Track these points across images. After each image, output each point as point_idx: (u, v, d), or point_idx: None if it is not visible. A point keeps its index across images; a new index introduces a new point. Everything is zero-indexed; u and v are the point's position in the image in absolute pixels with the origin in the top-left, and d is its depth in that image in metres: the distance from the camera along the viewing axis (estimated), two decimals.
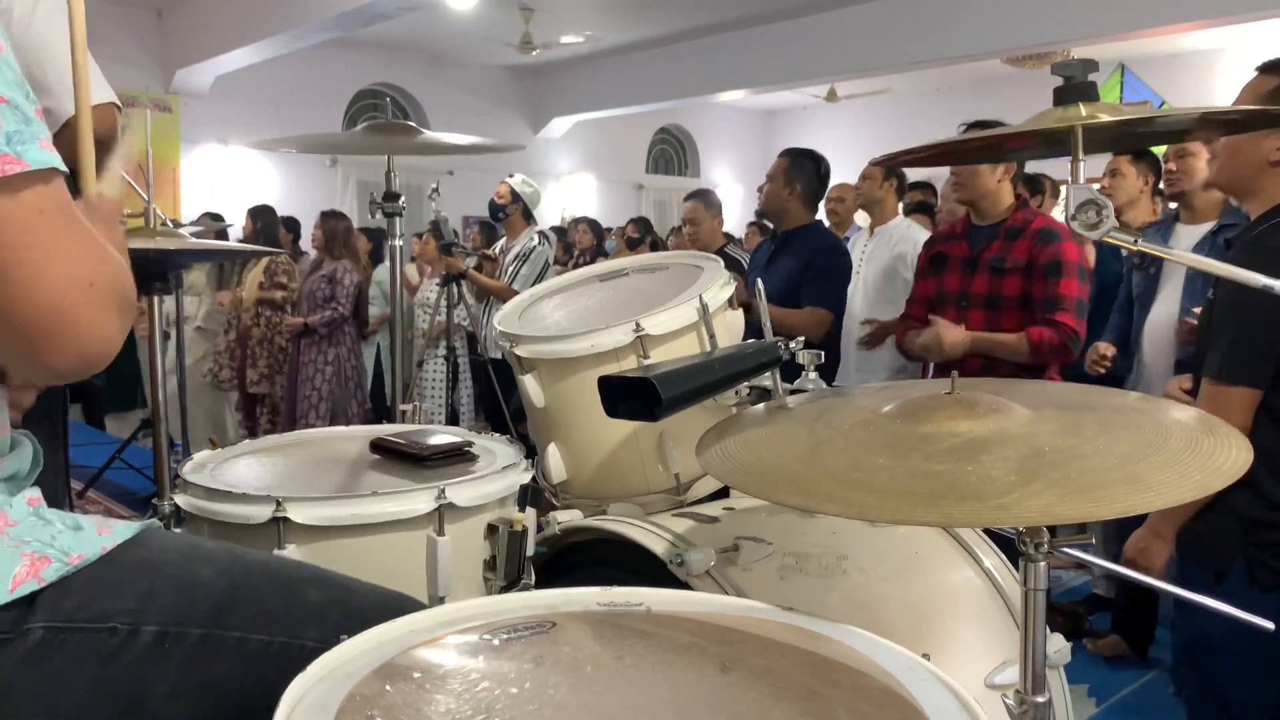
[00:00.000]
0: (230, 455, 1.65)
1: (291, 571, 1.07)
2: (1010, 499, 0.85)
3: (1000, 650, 1.44)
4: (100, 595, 0.88)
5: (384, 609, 1.05)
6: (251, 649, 0.94)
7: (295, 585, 1.02)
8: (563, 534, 1.62)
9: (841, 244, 3.93)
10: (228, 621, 0.93)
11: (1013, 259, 2.75)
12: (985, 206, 2.87)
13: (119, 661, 0.87)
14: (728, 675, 0.83)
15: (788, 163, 3.67)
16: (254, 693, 0.93)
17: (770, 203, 3.73)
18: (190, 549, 1.01)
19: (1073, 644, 1.52)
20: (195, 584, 0.94)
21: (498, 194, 5.17)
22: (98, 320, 0.80)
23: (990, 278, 2.79)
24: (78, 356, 0.80)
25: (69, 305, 0.78)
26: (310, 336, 5.51)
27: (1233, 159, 1.93)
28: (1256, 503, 1.78)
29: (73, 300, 0.78)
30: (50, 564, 0.86)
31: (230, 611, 0.94)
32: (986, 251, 2.82)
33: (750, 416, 1.20)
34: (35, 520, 0.89)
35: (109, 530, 0.93)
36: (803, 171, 3.66)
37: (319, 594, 1.02)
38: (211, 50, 8.15)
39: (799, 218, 3.65)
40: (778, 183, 3.66)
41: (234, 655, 0.93)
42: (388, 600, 1.07)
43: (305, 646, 0.95)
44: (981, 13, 7.76)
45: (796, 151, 3.75)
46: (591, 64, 10.85)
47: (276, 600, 0.98)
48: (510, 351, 1.75)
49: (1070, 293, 2.67)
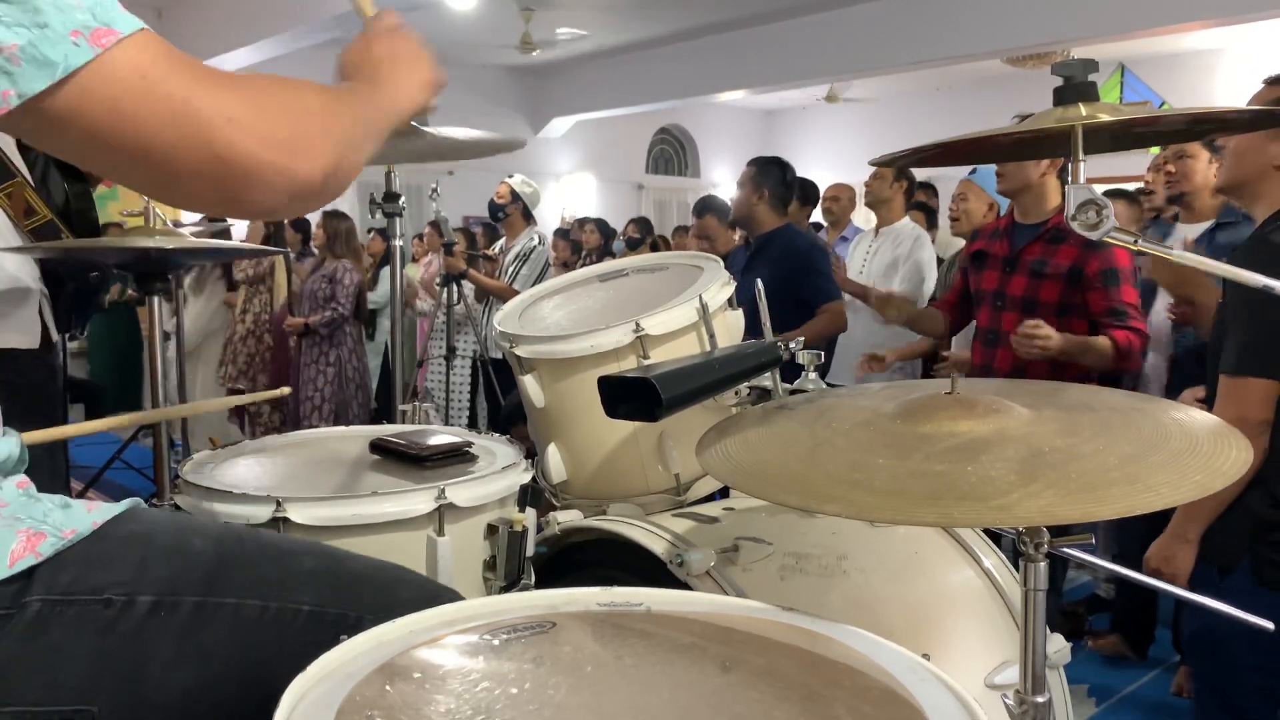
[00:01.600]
0: (230, 455, 1.65)
1: (283, 542, 1.09)
2: (1010, 499, 0.85)
3: (1000, 650, 1.44)
4: (94, 568, 0.89)
5: (376, 574, 1.06)
6: (247, 615, 0.94)
7: (287, 552, 1.03)
8: (563, 534, 1.62)
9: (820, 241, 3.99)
10: (222, 589, 0.94)
11: (1054, 264, 2.67)
12: (1028, 202, 2.80)
13: (116, 632, 0.88)
14: (728, 675, 0.83)
15: (755, 170, 3.76)
16: (252, 657, 0.94)
17: (740, 209, 3.79)
18: (181, 521, 1.03)
19: (1073, 644, 1.52)
20: (188, 553, 0.95)
21: (497, 194, 5.17)
22: (262, 154, 0.77)
23: (1029, 280, 2.72)
24: (267, 192, 0.78)
25: (222, 149, 0.75)
26: (311, 337, 5.50)
27: (1238, 163, 1.94)
28: (1266, 501, 1.79)
29: (225, 140, 0.75)
30: (46, 539, 0.87)
31: (224, 579, 0.95)
32: (1028, 252, 2.75)
33: (750, 416, 1.20)
34: (26, 499, 0.91)
35: (96, 508, 0.94)
36: (769, 176, 3.72)
37: (312, 560, 1.03)
38: (211, 50, 8.14)
39: (769, 221, 3.71)
40: (746, 189, 3.74)
41: (230, 622, 0.93)
42: (380, 567, 1.08)
43: (300, 610, 0.96)
44: (981, 13, 7.75)
45: (762, 160, 3.83)
46: (591, 64, 10.84)
47: (269, 566, 0.99)
48: (510, 351, 1.75)
49: (1132, 299, 2.61)
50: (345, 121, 0.87)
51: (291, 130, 0.79)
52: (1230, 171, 1.98)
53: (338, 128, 0.85)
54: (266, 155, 0.77)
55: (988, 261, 2.88)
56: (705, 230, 4.31)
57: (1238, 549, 1.84)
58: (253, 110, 0.77)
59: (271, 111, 0.79)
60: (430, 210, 5.38)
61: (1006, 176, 2.83)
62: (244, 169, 0.76)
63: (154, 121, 0.73)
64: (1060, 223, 2.71)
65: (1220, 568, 1.87)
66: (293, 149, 0.79)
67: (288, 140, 0.79)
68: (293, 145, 0.79)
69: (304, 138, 0.80)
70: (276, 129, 0.78)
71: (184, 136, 0.74)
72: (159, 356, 2.22)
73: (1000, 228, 2.91)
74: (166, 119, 0.74)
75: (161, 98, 0.73)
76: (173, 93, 0.74)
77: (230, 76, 0.79)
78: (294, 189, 0.80)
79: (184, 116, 0.74)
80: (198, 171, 0.75)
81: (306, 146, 0.80)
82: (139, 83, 0.73)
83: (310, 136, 0.81)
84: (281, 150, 0.78)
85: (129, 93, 0.73)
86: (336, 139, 0.84)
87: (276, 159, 0.77)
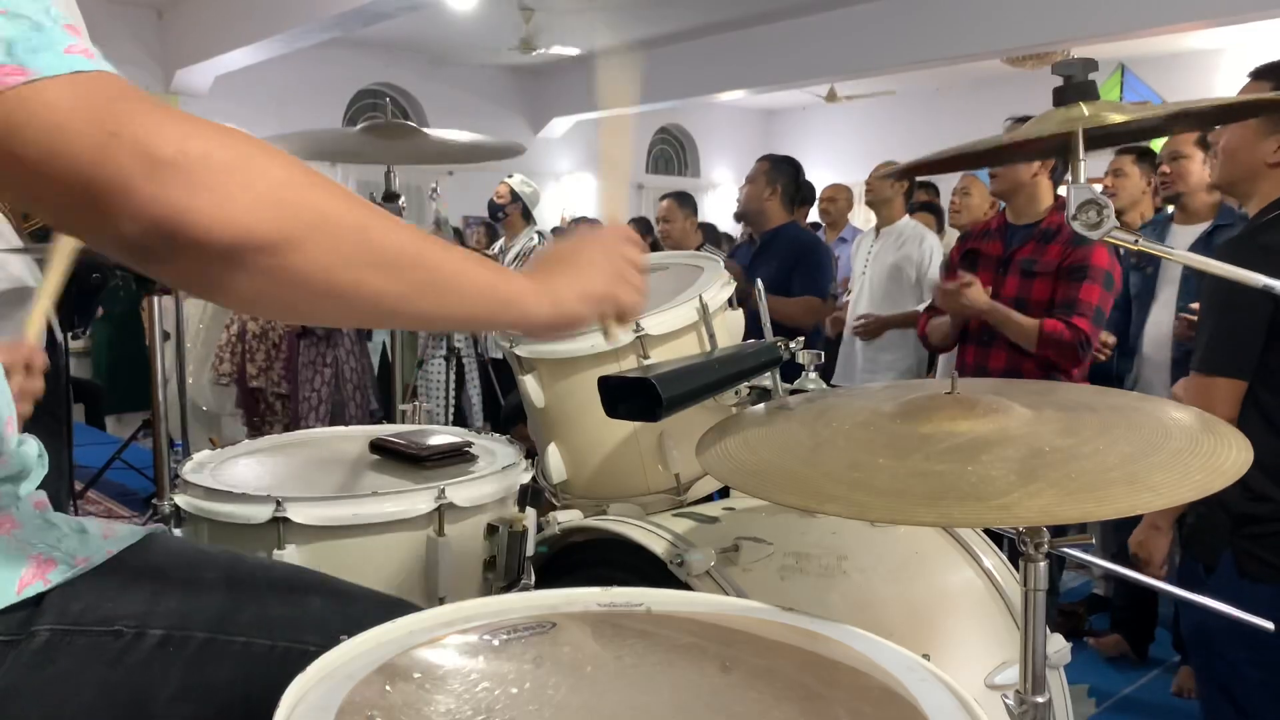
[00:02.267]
0: (230, 455, 1.65)
1: (294, 578, 1.08)
2: (1010, 499, 0.85)
3: (1000, 650, 1.44)
4: (106, 599, 0.88)
5: (385, 612, 1.05)
6: (255, 653, 0.94)
7: (298, 591, 1.03)
8: (563, 534, 1.62)
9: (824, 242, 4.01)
10: (232, 626, 0.94)
11: (1043, 263, 2.70)
12: (1020, 203, 2.81)
13: (124, 664, 0.87)
14: (728, 675, 0.83)
15: (769, 165, 3.78)
16: (256, 694, 0.93)
17: (751, 203, 3.80)
18: (195, 555, 1.03)
19: (1073, 644, 1.52)
20: (200, 589, 0.95)
21: (497, 194, 5.18)
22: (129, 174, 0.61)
23: (1021, 280, 2.74)
24: (128, 219, 0.62)
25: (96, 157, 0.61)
26: (309, 337, 5.50)
27: (1231, 161, 1.95)
28: (1243, 495, 1.79)
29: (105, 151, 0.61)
30: (56, 566, 0.86)
31: (234, 616, 0.94)
32: (1020, 253, 2.76)
33: (750, 416, 1.20)
34: (41, 523, 0.90)
35: (113, 535, 0.93)
36: (783, 174, 3.75)
37: (321, 600, 1.03)
38: (211, 50, 8.14)
39: (778, 218, 3.73)
40: (759, 184, 3.75)
41: (237, 659, 0.93)
42: (387, 604, 1.08)
43: (307, 651, 0.96)
44: (981, 13, 7.75)
45: (777, 157, 3.87)
46: (592, 64, 10.83)
47: (279, 605, 0.99)
48: (510, 351, 1.75)
49: (1090, 299, 2.62)
50: (335, 215, 0.69)
51: (217, 173, 0.63)
52: (1223, 170, 2.00)
53: (305, 210, 0.67)
54: (154, 188, 0.62)
55: (980, 261, 2.89)
56: (666, 213, 4.71)
57: (1219, 545, 1.87)
58: (171, 138, 0.63)
59: (200, 145, 0.63)
60: (430, 210, 5.39)
61: (999, 178, 2.84)
62: (129, 201, 0.62)
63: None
64: (1051, 223, 2.75)
65: (1205, 565, 1.89)
66: (202, 191, 0.63)
67: (201, 180, 0.63)
68: (204, 186, 0.63)
69: (229, 185, 0.64)
70: (190, 163, 0.63)
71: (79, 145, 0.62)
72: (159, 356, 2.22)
73: (993, 228, 2.93)
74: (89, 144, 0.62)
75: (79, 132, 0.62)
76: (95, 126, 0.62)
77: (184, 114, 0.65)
78: (183, 238, 0.63)
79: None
80: (66, 184, 0.62)
81: (225, 194, 0.63)
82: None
83: (244, 190, 0.64)
84: (183, 187, 0.62)
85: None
86: (291, 217, 0.66)
87: (171, 195, 0.62)
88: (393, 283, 0.72)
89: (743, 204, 3.94)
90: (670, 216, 4.78)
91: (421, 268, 0.73)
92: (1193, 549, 1.92)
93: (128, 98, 0.64)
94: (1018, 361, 2.70)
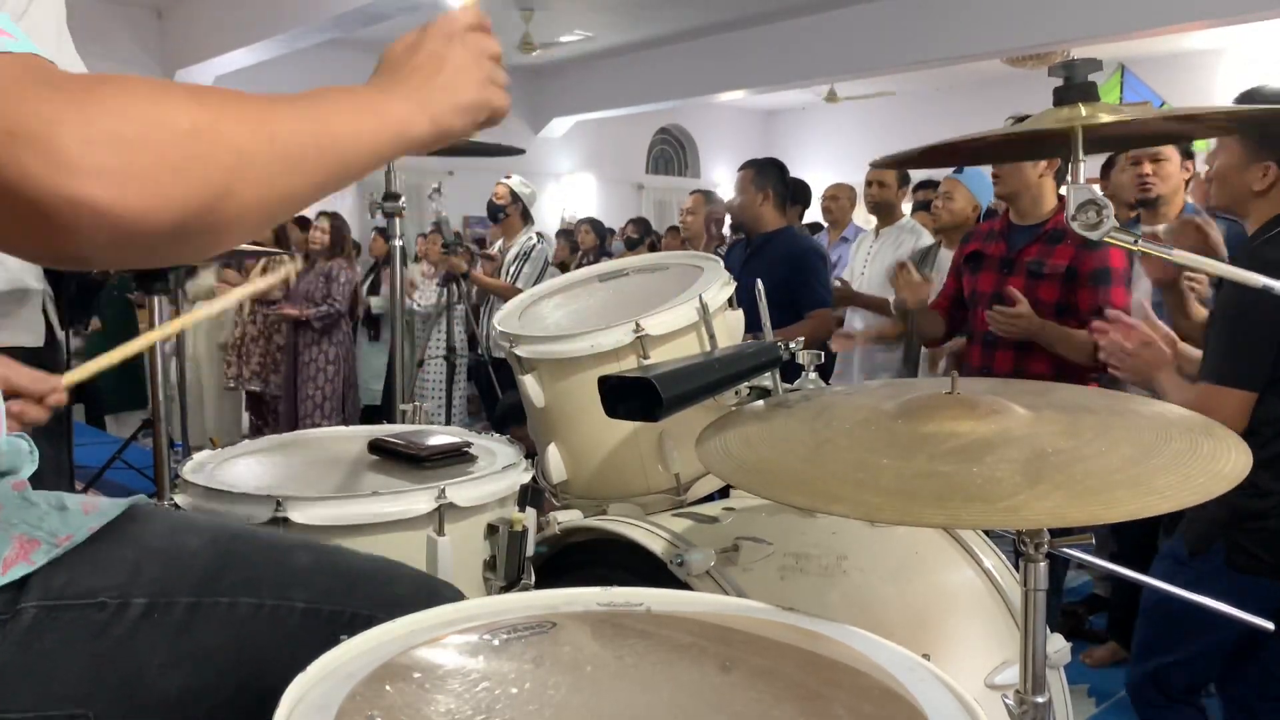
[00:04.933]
0: (230, 455, 1.65)
1: (278, 538, 1.08)
2: (1018, 500, 0.85)
3: (1000, 650, 1.44)
4: (88, 572, 0.88)
5: (373, 570, 1.05)
6: (242, 613, 0.93)
7: (282, 549, 1.02)
8: (563, 534, 1.62)
9: (820, 246, 4.01)
10: (216, 588, 0.93)
11: (1052, 264, 2.67)
12: (1025, 205, 2.79)
13: (110, 636, 0.87)
14: (728, 675, 0.83)
15: (753, 172, 3.77)
16: (249, 656, 0.93)
17: (745, 212, 3.79)
18: (178, 521, 1.02)
19: (1073, 644, 1.52)
20: (182, 554, 0.94)
21: (496, 194, 5.18)
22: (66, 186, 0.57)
23: (1027, 281, 2.70)
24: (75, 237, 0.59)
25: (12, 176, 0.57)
26: (308, 335, 5.50)
27: (1223, 188, 2.04)
28: (1249, 492, 1.81)
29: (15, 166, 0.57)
30: (40, 546, 0.86)
31: (218, 578, 0.94)
32: (1025, 254, 2.74)
33: (749, 413, 1.20)
34: (20, 502, 0.90)
35: (95, 509, 0.92)
36: (770, 177, 3.74)
37: (307, 557, 1.02)
38: (211, 50, 8.14)
39: (772, 222, 3.73)
40: (748, 193, 3.73)
41: (225, 621, 0.93)
42: (377, 562, 1.07)
43: (295, 608, 0.96)
44: (981, 13, 7.76)
45: (759, 162, 3.85)
46: (591, 64, 10.84)
47: (264, 564, 0.98)
48: (510, 351, 1.75)
49: (1122, 302, 2.58)
50: (249, 145, 0.66)
51: (129, 156, 0.59)
52: (1218, 195, 2.07)
53: (223, 154, 0.64)
54: (73, 187, 0.57)
55: (984, 263, 2.87)
56: (694, 208, 4.95)
57: (1213, 534, 1.90)
58: (73, 128, 0.58)
59: (103, 127, 0.58)
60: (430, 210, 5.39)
61: (1004, 179, 2.81)
62: (43, 206, 0.57)
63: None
64: (1057, 223, 2.72)
65: (1191, 549, 1.93)
66: (123, 181, 0.58)
67: (116, 169, 0.58)
68: (124, 176, 0.58)
69: (147, 167, 0.60)
70: (99, 153, 0.58)
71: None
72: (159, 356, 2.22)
73: (996, 229, 2.90)
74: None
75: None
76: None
77: (78, 81, 0.61)
78: (119, 234, 0.60)
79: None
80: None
81: (146, 178, 0.59)
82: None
83: (160, 166, 0.60)
84: (102, 182, 0.58)
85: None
86: (214, 169, 0.63)
87: (91, 192, 0.57)
88: (310, 175, 0.72)
89: (737, 215, 3.94)
90: (696, 210, 4.99)
91: (329, 150, 0.73)
92: (1184, 534, 1.95)
93: (23, 84, 0.59)
94: (1025, 363, 2.69)
